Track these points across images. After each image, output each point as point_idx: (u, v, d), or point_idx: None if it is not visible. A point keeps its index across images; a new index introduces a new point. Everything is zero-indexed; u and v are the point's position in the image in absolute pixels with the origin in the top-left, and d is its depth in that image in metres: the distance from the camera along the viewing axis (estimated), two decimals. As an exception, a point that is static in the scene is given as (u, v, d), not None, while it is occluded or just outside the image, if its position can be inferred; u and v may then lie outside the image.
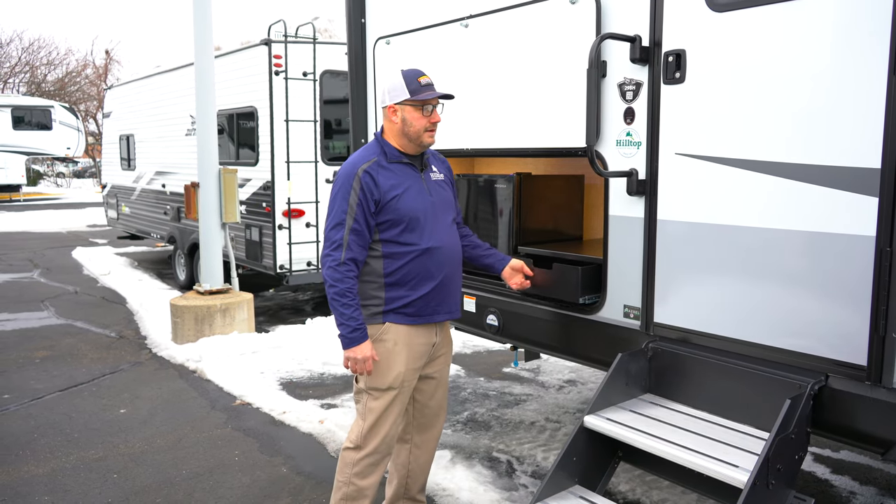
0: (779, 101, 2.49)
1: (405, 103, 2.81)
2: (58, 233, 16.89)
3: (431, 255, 2.85)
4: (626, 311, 3.08)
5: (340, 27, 6.60)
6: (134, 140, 11.73)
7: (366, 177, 2.76)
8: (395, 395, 2.89)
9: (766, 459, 2.27)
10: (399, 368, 2.87)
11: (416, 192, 2.85)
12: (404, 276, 2.83)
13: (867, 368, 2.33)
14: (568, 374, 5.83)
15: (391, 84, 2.84)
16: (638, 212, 2.97)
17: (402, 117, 2.83)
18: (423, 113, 2.83)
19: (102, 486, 3.90)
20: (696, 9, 2.70)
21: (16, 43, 41.58)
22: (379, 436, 2.90)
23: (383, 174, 2.79)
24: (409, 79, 2.82)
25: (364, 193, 2.74)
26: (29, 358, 6.39)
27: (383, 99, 2.87)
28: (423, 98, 2.81)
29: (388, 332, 2.85)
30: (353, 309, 2.73)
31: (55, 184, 36.79)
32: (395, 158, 2.85)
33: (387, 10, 4.33)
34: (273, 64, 7.57)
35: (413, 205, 2.81)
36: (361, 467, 2.91)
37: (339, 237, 2.74)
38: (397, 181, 2.81)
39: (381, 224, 2.80)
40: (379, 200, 2.77)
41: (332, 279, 2.72)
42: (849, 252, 2.34)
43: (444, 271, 2.90)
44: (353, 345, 2.75)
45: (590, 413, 2.85)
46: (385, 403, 2.89)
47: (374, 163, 2.80)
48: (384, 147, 2.87)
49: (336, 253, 2.73)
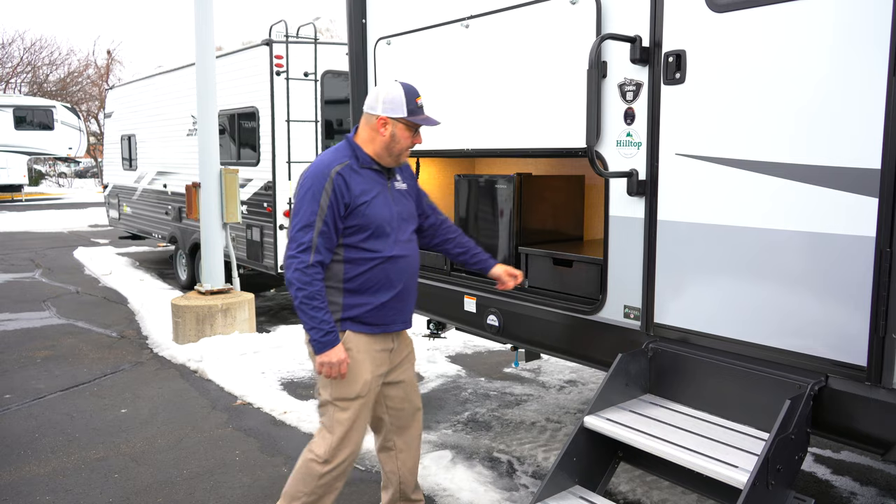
0: (779, 102, 2.49)
1: (400, 121, 2.78)
2: (59, 233, 16.91)
3: (394, 264, 2.83)
4: (626, 311, 3.08)
5: (341, 27, 6.63)
6: (135, 140, 11.74)
7: (338, 179, 2.70)
8: (363, 404, 2.87)
9: (765, 460, 2.28)
10: (366, 376, 2.84)
11: (382, 200, 2.81)
12: (364, 282, 2.80)
13: (867, 369, 2.33)
14: (568, 375, 5.83)
15: (389, 96, 2.77)
16: (638, 212, 2.98)
17: (391, 133, 2.78)
18: (412, 133, 2.82)
19: (103, 486, 3.90)
20: (696, 9, 2.70)
21: (18, 43, 41.71)
22: (349, 447, 2.86)
23: (355, 178, 2.75)
24: (409, 97, 2.77)
25: (335, 195, 2.69)
26: (30, 358, 6.40)
27: (374, 107, 2.79)
28: (419, 122, 2.80)
29: (350, 341, 2.81)
30: (324, 312, 2.68)
31: (57, 184, 36.84)
32: (366, 164, 2.80)
33: (388, 10, 4.33)
34: (274, 64, 7.58)
35: (380, 212, 2.79)
36: (328, 479, 2.86)
37: (308, 239, 2.67)
38: (367, 187, 2.77)
39: (347, 229, 2.75)
40: (349, 204, 2.72)
41: (301, 282, 2.65)
42: (849, 253, 2.34)
43: (404, 281, 2.88)
44: (326, 348, 2.69)
45: (590, 413, 2.85)
46: (354, 413, 2.84)
47: (346, 166, 2.74)
48: (356, 151, 2.81)
49: (304, 255, 2.67)
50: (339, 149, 2.84)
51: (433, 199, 4.75)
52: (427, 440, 4.45)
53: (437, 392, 5.47)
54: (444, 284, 4.10)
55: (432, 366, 6.11)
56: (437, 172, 4.78)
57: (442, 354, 6.46)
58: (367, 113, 2.82)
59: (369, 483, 3.92)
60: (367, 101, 2.81)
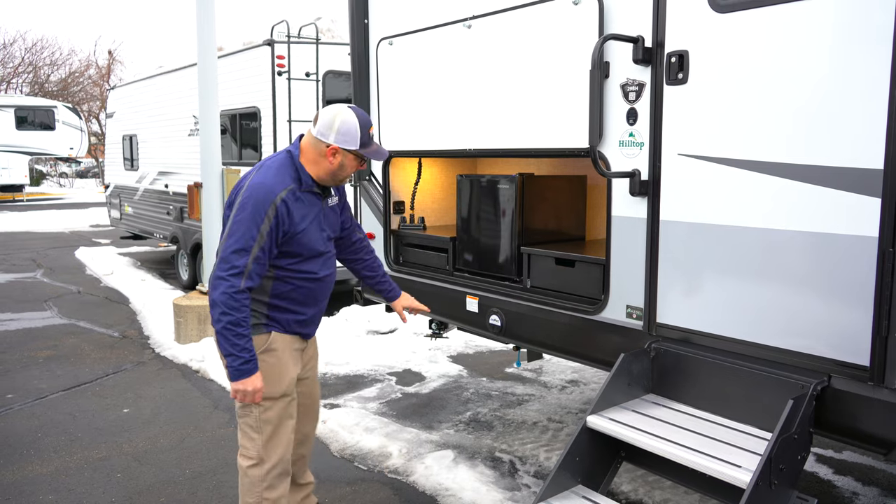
0: (781, 102, 2.49)
1: (351, 152, 2.74)
2: (61, 233, 16.92)
3: (320, 283, 2.89)
4: (628, 311, 3.09)
5: (343, 28, 6.62)
6: (137, 140, 11.75)
7: (282, 206, 2.64)
8: (289, 401, 2.89)
9: (768, 459, 2.28)
10: (291, 374, 2.89)
11: (316, 223, 2.81)
12: (291, 299, 2.83)
13: (870, 369, 2.33)
14: (570, 375, 5.83)
15: (344, 127, 2.70)
16: (641, 212, 2.98)
17: (340, 162, 2.75)
18: (360, 161, 2.81)
19: (106, 486, 3.91)
20: (698, 10, 2.70)
21: (19, 43, 41.78)
22: (280, 446, 2.86)
23: (296, 205, 2.71)
24: (364, 129, 2.73)
25: (277, 222, 2.64)
26: (32, 358, 6.41)
27: (326, 134, 2.70)
28: (370, 155, 2.79)
29: (276, 342, 2.83)
30: (246, 339, 2.63)
31: (58, 184, 36.85)
32: (307, 187, 2.77)
33: (390, 10, 4.34)
34: (276, 64, 7.59)
35: (312, 237, 2.79)
36: (270, 480, 2.85)
37: (242, 264, 2.59)
38: (306, 212, 2.75)
39: (281, 253, 2.74)
40: (287, 232, 2.70)
41: (228, 307, 2.57)
42: (851, 253, 2.34)
43: (326, 297, 2.98)
44: (243, 376, 2.64)
45: (592, 413, 2.85)
46: (279, 411, 2.84)
47: (290, 191, 2.68)
48: (300, 173, 2.75)
49: (236, 280, 2.59)
50: (282, 167, 2.74)
51: (435, 200, 4.79)
52: (429, 440, 4.46)
53: (439, 392, 5.47)
54: (446, 284, 4.11)
55: (434, 366, 6.12)
56: (440, 172, 4.79)
57: (444, 354, 6.47)
58: (317, 138, 2.73)
59: (370, 483, 3.93)
60: (319, 126, 2.73)
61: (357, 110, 2.77)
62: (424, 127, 4.12)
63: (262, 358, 2.76)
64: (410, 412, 5.03)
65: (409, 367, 6.09)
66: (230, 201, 2.76)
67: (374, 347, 6.60)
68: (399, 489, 3.86)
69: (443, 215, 4.82)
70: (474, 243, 3.98)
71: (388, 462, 4.15)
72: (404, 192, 4.61)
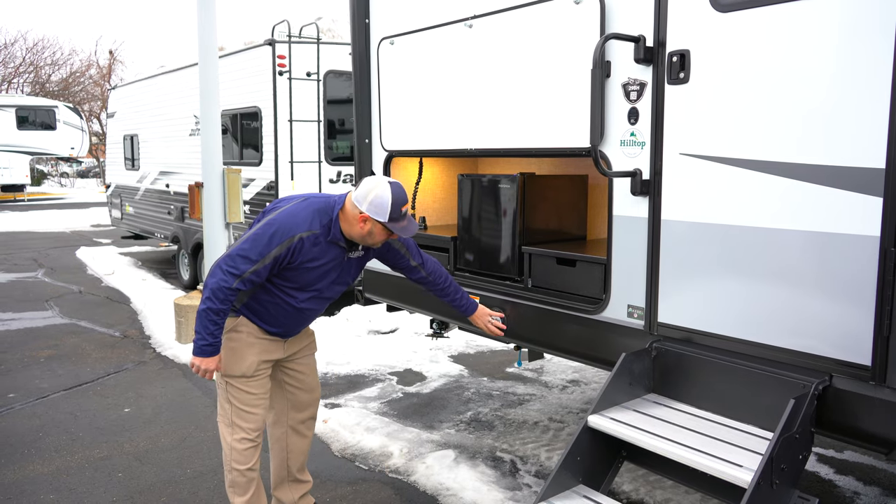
0: (783, 102, 2.49)
1: (380, 222, 2.85)
2: (62, 232, 16.93)
3: (296, 311, 3.01)
4: (629, 310, 3.08)
5: (344, 27, 6.62)
6: (138, 140, 11.75)
7: (299, 244, 2.82)
8: (249, 381, 3.01)
9: (770, 459, 2.27)
10: (251, 359, 2.99)
11: (328, 269, 2.95)
12: (266, 312, 2.98)
13: (871, 368, 2.33)
14: (571, 374, 5.83)
15: (378, 200, 2.81)
16: (642, 212, 2.97)
17: (370, 230, 2.87)
18: (390, 232, 2.91)
19: (107, 485, 3.91)
20: (700, 9, 2.70)
21: (20, 43, 41.75)
22: (248, 419, 3.02)
23: (314, 248, 2.87)
24: (395, 206, 2.82)
25: (288, 253, 2.81)
26: (34, 357, 6.41)
27: (360, 202, 2.83)
28: (396, 231, 2.88)
29: (242, 325, 2.98)
30: (217, 327, 2.82)
31: (59, 184, 36.86)
32: (335, 240, 2.91)
33: (391, 10, 4.34)
34: (277, 64, 7.58)
35: (317, 277, 2.95)
36: (238, 453, 3.03)
37: (243, 269, 2.77)
38: (319, 256, 2.89)
39: (279, 275, 2.90)
40: (294, 263, 2.86)
41: (216, 297, 2.76)
42: (853, 252, 2.34)
43: (301, 323, 3.10)
44: (202, 355, 2.85)
45: (593, 413, 2.85)
46: (239, 391, 3.00)
47: (312, 234, 2.85)
48: (333, 227, 2.89)
49: (231, 279, 2.77)
50: (319, 212, 2.88)
51: (437, 199, 4.79)
52: (430, 439, 4.46)
53: (440, 392, 5.47)
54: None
55: (435, 365, 6.12)
56: (441, 172, 4.79)
57: (445, 354, 6.47)
58: (354, 202, 2.87)
59: (371, 483, 3.93)
60: (358, 192, 2.87)
61: (395, 186, 2.87)
62: (425, 126, 4.12)
63: (227, 336, 2.97)
64: (411, 412, 5.03)
65: (410, 367, 6.09)
66: (266, 210, 2.99)
67: (376, 347, 6.61)
68: (400, 489, 3.86)
69: (444, 215, 4.81)
70: (475, 243, 3.98)
71: (389, 462, 4.15)
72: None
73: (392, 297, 4.63)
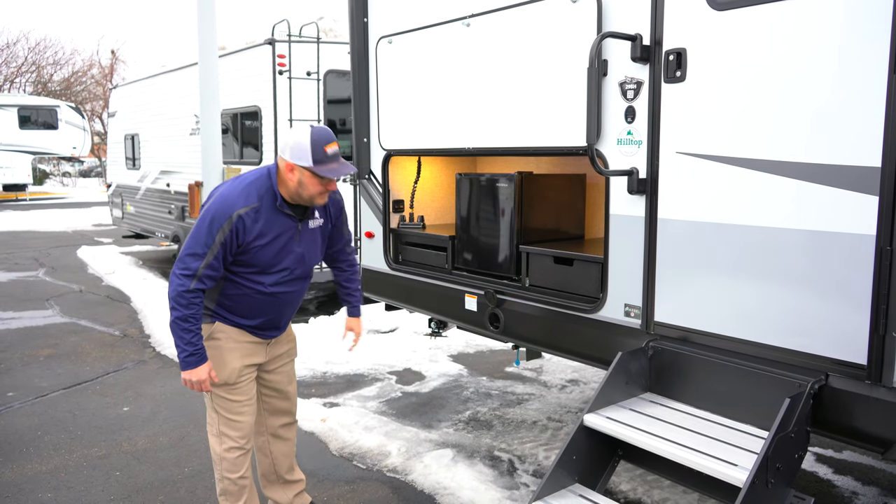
0: (779, 100, 2.49)
1: (306, 169, 2.73)
2: (63, 232, 16.95)
3: (272, 298, 2.91)
4: (626, 309, 3.08)
5: (344, 27, 6.61)
6: (139, 139, 11.77)
7: (239, 223, 2.71)
8: (233, 389, 2.95)
9: (765, 458, 2.27)
10: (233, 364, 2.93)
11: (284, 242, 2.84)
12: (238, 305, 2.90)
13: (867, 367, 2.33)
14: (570, 374, 5.82)
15: (296, 143, 2.72)
16: (639, 210, 2.97)
17: (299, 179, 2.75)
18: (321, 181, 2.77)
19: (105, 484, 3.92)
20: (696, 7, 2.70)
21: (22, 43, 41.77)
22: (236, 427, 2.98)
23: (258, 222, 2.75)
24: (316, 146, 2.70)
25: (232, 236, 2.72)
26: (33, 356, 6.42)
27: (283, 150, 2.76)
28: (324, 174, 2.73)
29: (219, 332, 2.91)
30: (193, 334, 2.73)
31: (61, 183, 36.89)
32: (279, 208, 2.81)
33: (389, 9, 4.34)
34: (277, 63, 7.59)
35: (273, 255, 2.83)
36: (228, 462, 2.99)
37: (195, 267, 2.69)
38: (266, 230, 2.78)
39: (235, 262, 2.80)
40: (242, 244, 2.76)
41: (178, 304, 2.69)
42: (849, 251, 2.34)
43: (279, 311, 2.99)
44: (189, 367, 2.77)
45: (590, 412, 2.85)
46: (225, 398, 2.95)
47: (252, 209, 2.74)
48: (275, 191, 2.80)
49: (187, 280, 2.69)
50: (253, 185, 2.80)
51: (435, 199, 4.79)
52: (428, 439, 4.46)
53: (439, 391, 5.47)
54: (445, 283, 4.11)
55: (434, 365, 6.12)
56: (439, 171, 4.79)
57: (443, 353, 6.47)
58: (279, 155, 2.80)
59: (369, 482, 3.93)
60: (280, 143, 2.81)
61: (317, 128, 2.76)
62: (424, 125, 4.12)
63: (205, 344, 2.86)
64: (410, 411, 5.03)
65: (409, 366, 6.09)
66: (203, 205, 2.88)
67: (375, 346, 6.60)
68: (398, 488, 3.86)
69: (442, 214, 4.81)
70: (473, 242, 3.98)
71: (387, 461, 4.15)
72: (404, 191, 4.62)
73: (391, 296, 4.63)
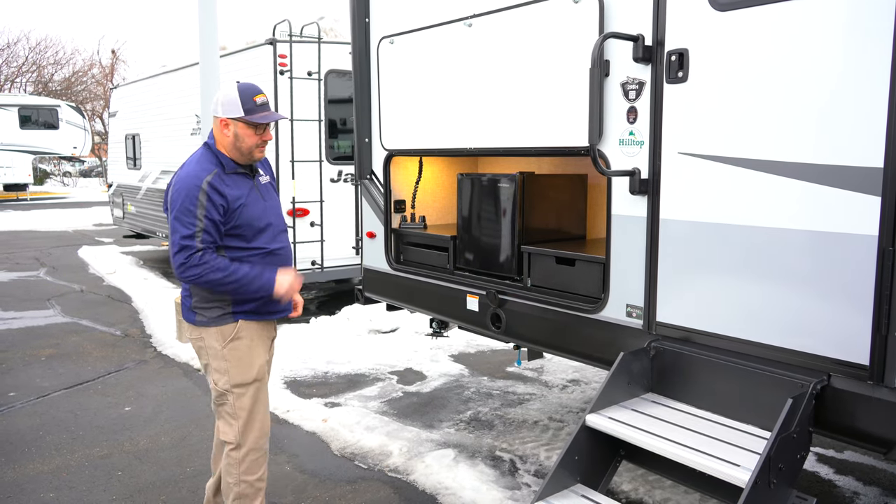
0: (782, 101, 2.49)
1: (238, 120, 2.83)
2: (64, 232, 16.96)
3: (274, 258, 2.98)
4: (628, 310, 3.08)
5: (345, 27, 6.61)
6: (140, 139, 11.77)
7: (210, 189, 2.78)
8: (259, 387, 3.01)
9: (767, 458, 2.27)
10: (260, 360, 3.00)
11: (253, 199, 2.93)
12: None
13: (869, 368, 2.33)
14: (572, 374, 5.82)
15: (226, 97, 2.84)
16: (641, 211, 2.97)
17: (234, 132, 2.85)
18: (256, 131, 2.87)
19: (107, 484, 3.92)
20: (698, 8, 2.70)
21: (23, 43, 41.78)
22: (255, 429, 2.99)
23: (226, 186, 2.84)
24: (245, 96, 2.82)
25: (211, 203, 2.78)
26: (35, 356, 6.42)
27: (216, 110, 2.87)
28: (256, 121, 2.84)
29: (243, 330, 2.95)
30: (242, 272, 2.79)
31: (61, 183, 36.89)
32: (231, 170, 2.90)
33: (391, 9, 4.34)
34: (278, 63, 7.58)
35: (255, 213, 2.91)
36: (247, 464, 3.00)
37: (193, 244, 2.75)
38: (239, 192, 2.88)
39: (229, 232, 2.86)
40: (227, 208, 2.82)
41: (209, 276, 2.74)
42: (851, 251, 2.34)
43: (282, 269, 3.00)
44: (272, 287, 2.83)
45: (592, 412, 2.85)
46: (252, 397, 2.98)
47: (214, 175, 2.83)
48: (220, 158, 2.89)
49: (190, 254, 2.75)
50: (201, 158, 2.90)
51: (436, 199, 4.79)
52: (430, 439, 4.46)
53: (440, 391, 5.47)
54: (446, 283, 4.11)
55: (435, 365, 6.12)
56: (440, 171, 4.79)
57: (445, 353, 6.47)
58: (213, 116, 2.90)
59: (370, 482, 3.93)
60: (211, 106, 2.92)
61: (244, 82, 2.91)
62: (425, 125, 4.12)
63: (231, 346, 2.92)
64: (411, 411, 5.03)
65: (410, 366, 6.09)
66: (164, 203, 2.94)
67: (376, 346, 6.61)
68: (399, 488, 3.86)
69: (444, 214, 4.82)
70: (475, 242, 3.98)
71: (388, 461, 4.15)
72: (405, 191, 4.62)
73: (392, 296, 4.63)
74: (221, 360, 2.93)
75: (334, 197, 7.93)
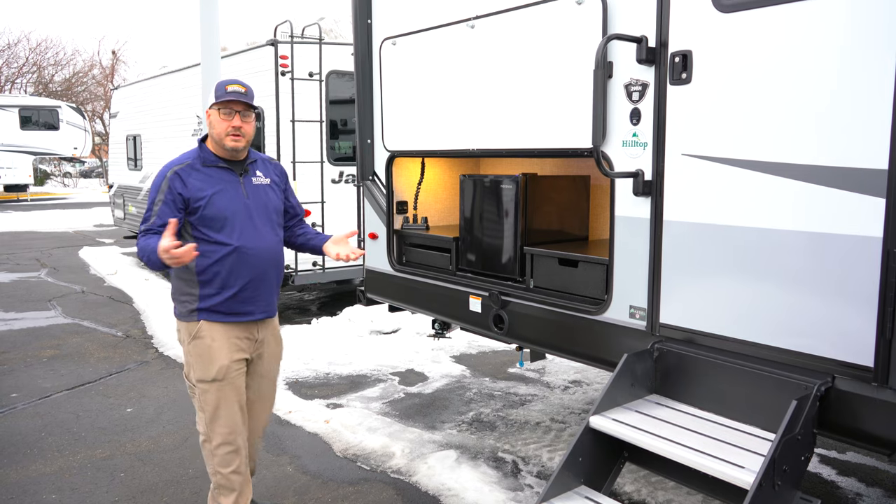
0: (785, 103, 2.49)
1: (212, 107, 3.01)
2: (65, 232, 16.96)
3: (241, 255, 2.99)
4: (631, 311, 3.08)
5: (346, 28, 6.62)
6: (140, 140, 11.77)
7: (174, 178, 2.94)
8: (222, 386, 3.02)
9: (772, 460, 2.27)
10: (221, 362, 3.00)
11: (230, 194, 3.00)
12: (214, 274, 2.98)
13: (874, 370, 2.33)
14: (573, 375, 5.82)
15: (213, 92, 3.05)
16: (644, 212, 2.97)
17: (210, 121, 3.02)
18: (226, 117, 2.98)
19: (109, 485, 3.92)
20: (702, 9, 2.70)
21: (23, 43, 41.65)
22: (221, 425, 3.04)
23: (193, 177, 2.96)
24: (220, 87, 3.01)
25: (171, 191, 2.91)
26: (36, 357, 6.42)
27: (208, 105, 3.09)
28: (222, 100, 2.97)
29: (204, 330, 3.00)
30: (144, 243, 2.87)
31: (62, 184, 36.92)
32: (210, 163, 3.02)
33: (393, 10, 4.34)
34: (279, 64, 7.59)
35: (222, 206, 2.97)
36: (220, 458, 3.06)
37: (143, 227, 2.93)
38: (208, 183, 2.97)
39: (197, 220, 2.95)
40: (187, 198, 2.93)
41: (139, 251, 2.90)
42: (856, 253, 2.34)
43: (255, 272, 3.04)
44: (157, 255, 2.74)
45: (595, 413, 2.84)
46: (215, 395, 3.02)
47: (186, 166, 2.98)
48: (202, 152, 3.05)
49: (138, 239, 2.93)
50: (186, 152, 3.10)
51: (439, 200, 4.79)
52: (432, 440, 4.46)
53: (442, 392, 5.47)
54: (448, 284, 4.11)
55: (437, 366, 6.12)
56: (443, 172, 4.79)
57: (446, 354, 6.47)
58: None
59: (373, 483, 3.93)
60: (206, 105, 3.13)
61: (229, 78, 3.12)
62: (427, 127, 4.12)
63: (194, 343, 3.00)
64: (413, 412, 5.03)
65: (412, 367, 6.09)
66: None
67: (378, 347, 6.61)
68: (402, 489, 3.86)
69: (446, 215, 4.82)
70: (477, 243, 3.97)
71: (390, 462, 4.15)
72: (407, 192, 4.62)
73: (394, 297, 4.63)
74: (188, 354, 3.05)
75: (335, 198, 7.93)
